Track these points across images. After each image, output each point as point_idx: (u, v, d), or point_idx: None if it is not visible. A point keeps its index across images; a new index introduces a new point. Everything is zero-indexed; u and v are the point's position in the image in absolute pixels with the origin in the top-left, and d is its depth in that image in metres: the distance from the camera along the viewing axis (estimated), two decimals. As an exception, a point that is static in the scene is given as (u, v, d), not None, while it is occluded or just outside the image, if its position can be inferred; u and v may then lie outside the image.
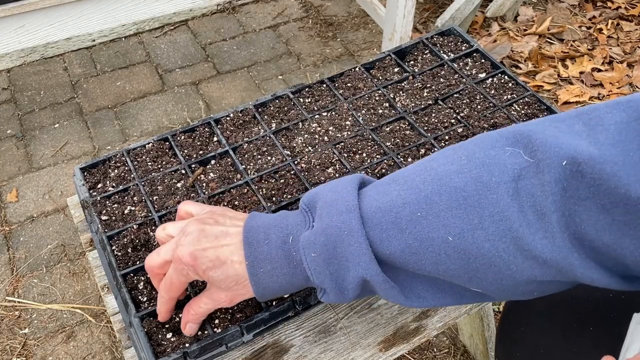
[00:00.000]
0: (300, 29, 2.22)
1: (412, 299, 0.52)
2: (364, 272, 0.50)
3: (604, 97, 1.93)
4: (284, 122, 0.93)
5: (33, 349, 1.37)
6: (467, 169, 0.47)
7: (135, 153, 0.90)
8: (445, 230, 0.47)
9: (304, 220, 0.55)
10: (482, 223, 0.45)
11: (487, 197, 0.45)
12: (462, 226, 0.46)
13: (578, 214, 0.41)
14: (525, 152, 0.45)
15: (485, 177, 0.45)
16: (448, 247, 0.47)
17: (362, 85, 0.99)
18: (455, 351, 1.34)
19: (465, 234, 0.46)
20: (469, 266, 0.47)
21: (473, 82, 0.98)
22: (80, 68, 2.06)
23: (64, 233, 1.59)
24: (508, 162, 0.45)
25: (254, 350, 0.73)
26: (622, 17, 2.22)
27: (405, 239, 0.48)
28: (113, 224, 0.80)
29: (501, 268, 0.46)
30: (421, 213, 0.48)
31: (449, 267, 0.48)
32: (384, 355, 0.73)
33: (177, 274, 0.58)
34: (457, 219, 0.46)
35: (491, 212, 0.45)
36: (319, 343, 0.73)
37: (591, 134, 0.42)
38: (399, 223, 0.49)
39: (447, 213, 0.47)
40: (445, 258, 0.47)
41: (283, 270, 0.55)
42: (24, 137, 1.84)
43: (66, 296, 1.46)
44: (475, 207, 0.45)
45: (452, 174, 0.48)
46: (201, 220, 0.59)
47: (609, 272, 0.43)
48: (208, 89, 1.98)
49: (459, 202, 0.46)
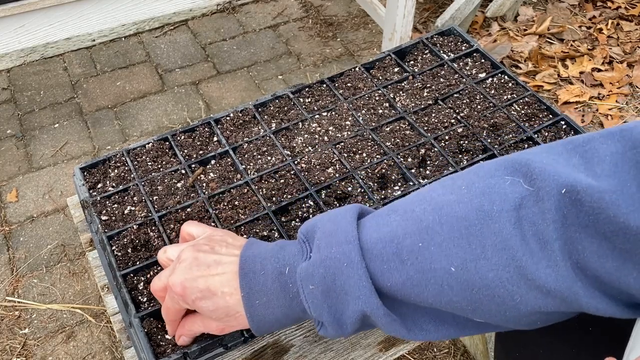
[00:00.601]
0: (300, 29, 2.22)
1: (415, 332, 0.51)
2: (364, 306, 0.48)
3: (603, 97, 1.93)
4: (284, 122, 0.93)
5: (33, 349, 1.37)
6: (468, 198, 0.46)
7: (135, 153, 0.90)
8: (447, 261, 0.46)
9: (301, 250, 0.53)
10: (485, 253, 0.44)
11: (489, 226, 0.44)
12: (465, 256, 0.45)
13: (579, 241, 0.41)
14: (524, 180, 0.45)
15: (486, 206, 0.45)
16: (451, 278, 0.46)
17: (362, 85, 0.99)
18: (455, 351, 1.34)
19: (468, 264, 0.45)
20: (472, 297, 0.46)
21: (473, 82, 0.98)
22: (80, 68, 2.06)
23: (64, 233, 1.59)
24: (508, 190, 0.45)
25: (254, 350, 0.72)
26: (622, 17, 2.22)
27: (407, 270, 0.47)
28: (113, 224, 0.80)
29: (505, 299, 0.45)
30: (423, 244, 0.47)
31: (452, 298, 0.47)
32: (383, 355, 0.73)
33: (171, 301, 0.58)
34: (459, 249, 0.45)
35: (494, 241, 0.44)
36: (319, 343, 0.73)
37: (588, 166, 0.42)
38: (400, 254, 0.47)
39: (449, 243, 0.46)
40: (448, 290, 0.46)
41: (279, 302, 0.53)
42: (23, 137, 1.84)
43: (66, 296, 1.46)
44: (477, 237, 0.45)
45: (453, 203, 0.47)
46: (196, 247, 0.58)
47: (613, 300, 0.43)
48: (208, 89, 1.98)
49: (461, 231, 0.45)
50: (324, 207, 0.80)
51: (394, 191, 0.83)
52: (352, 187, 0.83)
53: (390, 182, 0.84)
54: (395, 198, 0.81)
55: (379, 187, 0.84)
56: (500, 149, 0.87)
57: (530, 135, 0.89)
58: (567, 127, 0.91)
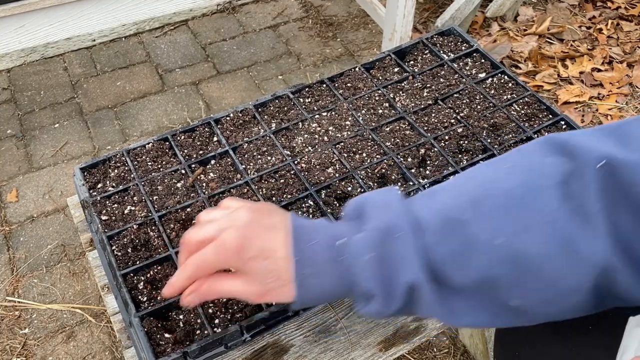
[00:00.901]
0: (300, 29, 2.22)
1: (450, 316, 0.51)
2: (415, 277, 0.49)
3: (603, 97, 1.93)
4: (284, 122, 0.93)
5: (33, 349, 1.37)
6: (513, 175, 0.48)
7: (135, 153, 0.90)
8: (492, 233, 0.46)
9: (354, 225, 0.53)
10: (532, 225, 0.45)
11: (536, 200, 0.46)
12: (511, 229, 0.46)
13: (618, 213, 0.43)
14: (565, 157, 0.47)
15: (531, 182, 0.47)
16: (494, 251, 0.46)
17: (362, 85, 0.99)
18: (455, 351, 1.34)
19: (514, 237, 0.46)
20: (514, 272, 0.46)
21: (473, 82, 0.98)
22: (80, 68, 2.06)
23: (64, 233, 1.59)
24: (552, 167, 0.47)
25: (254, 350, 0.72)
26: (622, 17, 2.22)
27: (450, 243, 0.48)
28: (113, 224, 0.80)
29: (548, 273, 0.45)
30: (468, 216, 0.48)
31: (494, 273, 0.47)
32: (384, 355, 0.73)
33: (215, 255, 0.54)
34: (505, 222, 0.46)
35: (541, 214, 0.45)
36: (319, 343, 0.73)
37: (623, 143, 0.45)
38: (444, 227, 0.48)
39: (495, 216, 0.47)
40: (491, 263, 0.47)
41: (329, 273, 0.52)
42: (24, 137, 1.84)
43: (66, 296, 1.46)
44: (524, 210, 0.46)
45: (498, 179, 0.49)
46: (253, 209, 0.56)
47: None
48: (208, 89, 1.98)
49: (508, 204, 0.46)
50: (324, 207, 0.80)
51: (393, 191, 0.83)
52: (352, 187, 0.83)
53: (390, 182, 0.84)
54: (395, 198, 0.81)
55: (379, 187, 0.84)
56: (500, 149, 0.87)
57: (530, 135, 0.89)
58: (567, 127, 0.91)
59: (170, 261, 0.76)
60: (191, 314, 0.71)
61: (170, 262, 0.76)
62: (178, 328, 0.70)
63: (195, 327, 0.70)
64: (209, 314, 0.70)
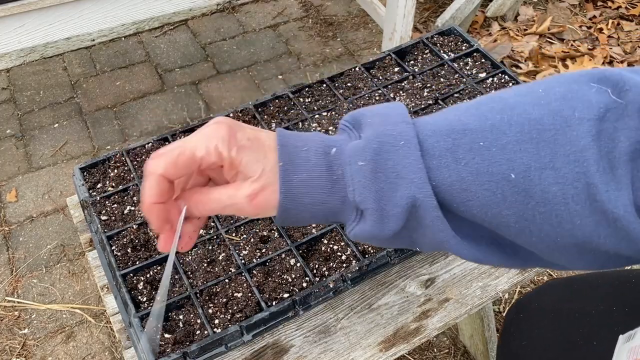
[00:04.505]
0: (300, 28, 2.22)
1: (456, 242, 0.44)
2: (416, 191, 0.42)
3: (604, 97, 1.93)
4: (283, 122, 0.93)
5: (32, 349, 1.37)
6: (545, 101, 0.41)
7: (135, 153, 0.89)
8: (508, 165, 0.40)
9: (348, 136, 0.47)
10: (554, 162, 0.39)
11: (565, 134, 0.39)
12: (530, 163, 0.40)
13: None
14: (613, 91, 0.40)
15: (565, 112, 0.40)
16: (507, 185, 0.40)
17: (362, 85, 0.99)
18: (456, 351, 1.34)
19: (532, 172, 0.40)
20: (525, 212, 0.41)
21: (473, 81, 0.98)
22: (80, 68, 2.06)
23: (63, 233, 1.58)
24: (593, 98, 0.40)
25: (254, 350, 0.72)
26: (623, 16, 2.21)
27: (459, 170, 0.42)
28: (112, 224, 0.80)
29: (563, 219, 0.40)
30: (484, 143, 0.41)
31: (501, 211, 0.41)
32: (384, 355, 0.72)
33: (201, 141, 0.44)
34: (525, 154, 0.40)
35: (567, 151, 0.39)
36: (319, 343, 0.73)
37: None
38: (455, 151, 0.42)
39: (515, 146, 0.40)
40: (501, 199, 0.41)
41: (321, 181, 0.45)
42: (23, 137, 1.84)
43: (66, 296, 1.45)
44: (549, 143, 0.40)
45: (527, 105, 0.42)
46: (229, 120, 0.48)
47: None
48: (208, 89, 1.98)
49: (532, 135, 0.40)
50: (324, 207, 0.80)
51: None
52: (352, 187, 0.83)
53: (391, 182, 0.84)
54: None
55: (379, 187, 0.84)
56: (501, 148, 0.87)
57: (531, 135, 0.89)
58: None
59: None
60: (191, 314, 0.71)
61: (169, 262, 0.76)
62: (178, 328, 0.70)
63: (195, 327, 0.69)
64: (208, 314, 0.70)
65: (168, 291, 0.73)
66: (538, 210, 0.40)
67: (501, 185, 0.41)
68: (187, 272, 0.74)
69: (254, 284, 0.72)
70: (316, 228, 0.78)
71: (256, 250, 0.76)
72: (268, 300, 0.71)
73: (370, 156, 0.43)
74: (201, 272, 0.74)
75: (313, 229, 0.78)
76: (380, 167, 0.43)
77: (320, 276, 0.74)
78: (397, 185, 0.43)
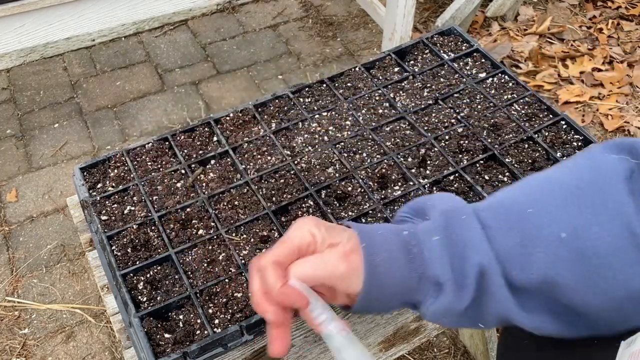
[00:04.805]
0: (300, 28, 2.22)
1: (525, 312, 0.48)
2: (483, 259, 0.47)
3: (604, 97, 1.92)
4: (283, 122, 0.93)
5: (33, 349, 1.37)
6: (578, 173, 0.48)
7: (135, 153, 0.89)
8: (557, 226, 0.45)
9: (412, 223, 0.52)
10: (598, 218, 0.44)
11: (603, 194, 0.45)
12: (577, 223, 0.45)
13: None
14: (631, 156, 0.47)
15: (598, 178, 0.46)
16: (560, 245, 0.45)
17: (362, 85, 0.99)
18: (456, 351, 1.34)
19: (580, 231, 0.44)
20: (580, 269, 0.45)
21: (473, 81, 0.98)
22: (80, 68, 2.06)
23: (63, 233, 1.58)
24: (618, 165, 0.46)
25: (253, 350, 0.72)
26: (623, 16, 2.21)
27: (513, 237, 0.46)
28: (113, 224, 0.80)
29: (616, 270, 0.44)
30: (533, 209, 0.47)
31: (558, 272, 0.45)
32: (384, 355, 0.72)
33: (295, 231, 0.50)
34: (571, 216, 0.45)
35: (608, 208, 0.44)
36: (319, 343, 0.73)
37: None
38: (508, 220, 0.47)
39: (561, 210, 0.46)
40: (555, 260, 0.45)
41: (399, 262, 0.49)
42: (23, 137, 1.84)
43: (66, 296, 1.45)
44: (591, 204, 0.45)
45: (564, 176, 0.48)
46: None
47: None
48: (208, 89, 1.98)
49: (573, 199, 0.46)
50: (324, 207, 0.80)
51: (394, 191, 0.83)
52: (352, 187, 0.83)
53: (391, 182, 0.84)
54: (395, 198, 0.81)
55: (379, 187, 0.84)
56: (501, 148, 0.87)
57: (531, 135, 0.89)
58: (567, 127, 0.91)
59: (169, 261, 0.76)
60: (191, 314, 0.71)
61: (169, 262, 0.76)
62: (178, 328, 0.70)
63: (195, 327, 0.69)
64: (209, 314, 0.70)
65: (169, 291, 0.73)
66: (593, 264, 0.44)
67: (554, 245, 0.45)
68: (187, 272, 0.74)
69: (254, 284, 0.72)
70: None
71: (256, 250, 0.76)
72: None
73: (442, 230, 0.49)
74: (201, 272, 0.74)
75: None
76: (451, 240, 0.48)
77: (320, 276, 0.74)
78: (466, 255, 0.47)
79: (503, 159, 0.85)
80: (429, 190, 0.82)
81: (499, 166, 0.86)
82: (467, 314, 0.49)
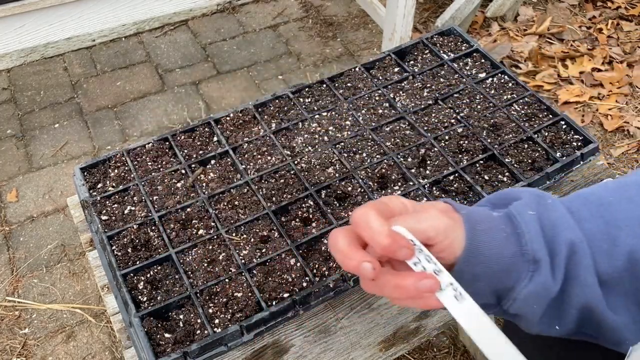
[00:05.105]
0: (300, 29, 2.22)
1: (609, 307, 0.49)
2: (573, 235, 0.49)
3: (603, 97, 1.92)
4: (284, 122, 0.93)
5: (33, 349, 1.37)
6: None
7: (135, 153, 0.90)
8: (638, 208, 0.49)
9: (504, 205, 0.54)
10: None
11: None
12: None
13: None
14: None
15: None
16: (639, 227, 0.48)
17: (362, 85, 0.99)
18: (456, 351, 1.34)
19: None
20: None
21: (473, 82, 0.98)
22: (80, 68, 2.06)
23: (63, 233, 1.58)
24: None
25: (254, 350, 0.72)
26: (622, 17, 2.21)
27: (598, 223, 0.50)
28: (113, 224, 0.80)
29: None
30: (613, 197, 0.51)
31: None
32: (384, 355, 0.73)
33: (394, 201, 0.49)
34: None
35: None
36: (319, 343, 0.73)
37: None
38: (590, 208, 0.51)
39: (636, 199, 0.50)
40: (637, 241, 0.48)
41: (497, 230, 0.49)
42: (23, 137, 1.84)
43: (66, 296, 1.46)
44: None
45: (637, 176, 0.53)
46: None
47: None
48: (208, 89, 1.98)
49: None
50: (324, 207, 0.80)
51: (394, 191, 0.83)
52: (352, 187, 0.83)
53: (390, 182, 0.84)
54: (395, 198, 0.81)
55: (379, 187, 0.84)
56: (500, 148, 0.87)
57: (530, 135, 0.89)
58: (567, 127, 0.91)
59: (170, 261, 0.76)
60: (191, 314, 0.71)
61: (170, 262, 0.76)
62: (178, 328, 0.70)
63: (195, 327, 0.70)
64: (209, 313, 0.70)
65: (169, 291, 0.74)
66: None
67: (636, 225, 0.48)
68: (187, 272, 0.75)
69: (254, 284, 0.72)
70: (316, 228, 0.79)
71: (256, 250, 0.76)
72: (268, 300, 0.71)
73: (535, 207, 0.51)
74: (201, 272, 0.74)
75: (313, 229, 0.79)
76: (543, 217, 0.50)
77: (320, 276, 0.74)
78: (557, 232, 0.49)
79: (503, 159, 0.85)
80: (429, 190, 0.82)
81: (498, 166, 0.86)
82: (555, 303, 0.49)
